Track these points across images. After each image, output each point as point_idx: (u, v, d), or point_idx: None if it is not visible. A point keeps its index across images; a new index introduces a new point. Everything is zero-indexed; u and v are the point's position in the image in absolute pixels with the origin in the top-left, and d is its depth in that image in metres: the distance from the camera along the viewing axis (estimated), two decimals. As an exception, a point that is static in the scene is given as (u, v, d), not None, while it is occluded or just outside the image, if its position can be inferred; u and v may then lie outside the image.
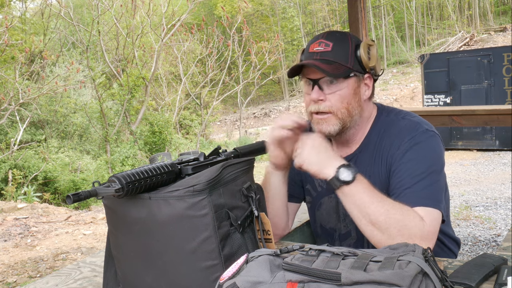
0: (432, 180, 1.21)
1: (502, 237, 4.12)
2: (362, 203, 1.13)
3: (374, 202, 1.13)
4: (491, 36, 21.24)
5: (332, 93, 1.26)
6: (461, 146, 9.58)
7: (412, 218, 1.12)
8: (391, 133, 1.31)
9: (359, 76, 1.28)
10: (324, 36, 1.29)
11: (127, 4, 11.90)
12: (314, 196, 1.47)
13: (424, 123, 1.31)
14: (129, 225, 0.96)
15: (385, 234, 1.11)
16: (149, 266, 0.96)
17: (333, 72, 1.23)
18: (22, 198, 7.74)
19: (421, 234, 1.12)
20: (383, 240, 1.12)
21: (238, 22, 13.53)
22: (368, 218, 1.13)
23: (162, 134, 11.68)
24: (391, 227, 1.11)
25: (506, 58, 9.13)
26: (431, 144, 1.27)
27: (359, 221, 1.16)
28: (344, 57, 1.25)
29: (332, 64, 1.24)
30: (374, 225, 1.13)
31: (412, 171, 1.22)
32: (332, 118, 1.27)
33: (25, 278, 4.01)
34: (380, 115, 1.37)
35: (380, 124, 1.35)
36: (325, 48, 1.26)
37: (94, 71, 11.20)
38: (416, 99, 18.51)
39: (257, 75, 14.06)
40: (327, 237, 1.46)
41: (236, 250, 0.96)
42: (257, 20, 27.96)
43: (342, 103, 1.26)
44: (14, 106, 9.17)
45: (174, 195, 0.91)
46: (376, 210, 1.12)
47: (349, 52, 1.26)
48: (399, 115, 1.35)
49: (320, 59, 1.25)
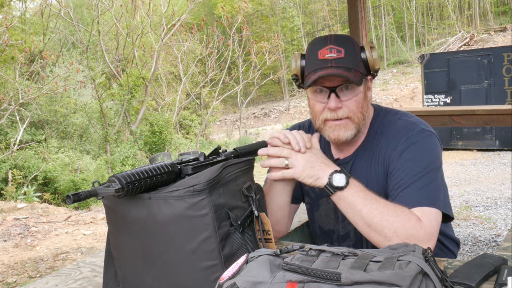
0: (429, 179, 1.21)
1: (502, 237, 4.12)
2: (356, 206, 1.15)
3: (368, 204, 1.14)
4: (491, 36, 21.25)
5: (348, 100, 1.26)
6: (461, 146, 9.58)
7: (408, 219, 1.13)
8: (388, 134, 1.31)
9: (366, 79, 1.29)
10: (332, 41, 1.26)
11: (127, 4, 11.90)
12: (313, 198, 1.47)
13: (420, 123, 1.31)
14: (129, 225, 0.96)
15: (381, 235, 1.13)
16: (149, 266, 0.96)
17: (355, 79, 1.22)
18: (22, 198, 7.74)
19: (418, 234, 1.12)
20: (380, 241, 1.13)
21: (238, 22, 13.54)
22: (364, 221, 1.15)
23: (162, 134, 11.68)
24: (385, 229, 1.12)
25: (506, 58, 9.13)
26: (427, 144, 1.27)
27: (356, 224, 1.18)
28: (356, 63, 1.25)
29: (351, 71, 1.23)
30: (370, 227, 1.14)
31: (409, 171, 1.22)
32: (349, 123, 1.27)
33: (25, 278, 4.01)
34: (377, 116, 1.37)
35: (377, 125, 1.35)
36: (338, 55, 1.23)
37: (94, 71, 11.21)
38: (416, 99, 18.52)
39: (257, 75, 14.07)
40: (326, 238, 1.46)
41: (236, 250, 0.96)
42: (257, 20, 27.96)
43: (357, 108, 1.27)
44: (14, 106, 9.17)
45: (174, 195, 0.90)
46: (370, 212, 1.14)
47: (358, 57, 1.26)
48: (396, 115, 1.35)
49: (337, 66, 1.23)
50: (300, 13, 27.81)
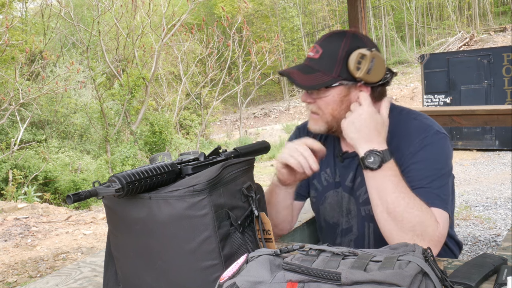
0: (443, 182, 1.21)
1: (502, 237, 4.12)
2: (383, 190, 1.14)
3: (396, 192, 1.13)
4: (491, 36, 21.25)
5: (318, 98, 1.27)
6: (461, 146, 9.58)
7: (429, 217, 1.13)
8: (401, 132, 1.30)
9: (348, 84, 1.25)
10: (320, 41, 1.29)
11: (127, 4, 11.91)
12: (320, 190, 1.46)
13: (435, 125, 1.30)
14: (129, 225, 0.96)
15: (398, 225, 1.12)
16: (149, 266, 0.96)
17: (307, 83, 1.24)
18: (23, 198, 7.75)
19: (433, 235, 1.12)
20: (394, 231, 1.13)
21: (238, 22, 13.54)
22: (386, 206, 1.14)
23: (162, 134, 11.69)
24: (405, 220, 1.12)
25: (506, 58, 9.13)
26: (442, 146, 1.26)
27: (376, 207, 1.17)
28: (330, 66, 1.24)
29: (312, 74, 1.24)
30: (389, 214, 1.14)
31: (424, 171, 1.22)
32: (319, 120, 1.30)
33: (25, 278, 4.02)
34: (390, 113, 1.34)
35: (389, 123, 1.33)
36: (314, 55, 1.27)
37: (94, 71, 11.21)
38: (416, 99, 18.53)
39: (257, 75, 14.07)
40: (330, 232, 1.46)
41: (236, 250, 0.96)
42: (257, 20, 27.96)
43: (327, 108, 1.27)
44: (15, 106, 9.17)
45: (174, 195, 0.91)
46: (396, 200, 1.13)
47: (337, 60, 1.24)
48: (411, 115, 1.34)
49: (305, 66, 1.27)
50: (300, 13, 27.81)
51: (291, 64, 25.36)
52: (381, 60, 1.25)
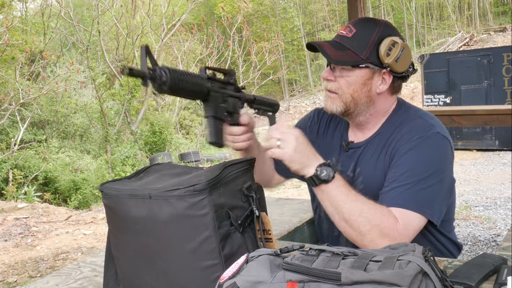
0: (427, 184, 1.20)
1: (502, 237, 4.12)
2: (337, 201, 1.17)
3: (348, 201, 1.16)
4: (491, 36, 21.24)
5: (341, 77, 1.28)
6: (461, 146, 9.57)
7: (385, 218, 1.15)
8: (403, 128, 1.30)
9: (373, 68, 1.27)
10: (355, 22, 1.30)
11: (127, 4, 11.91)
12: None
13: (438, 126, 1.29)
14: (129, 224, 0.97)
15: (356, 231, 1.15)
16: (149, 266, 0.96)
17: (337, 58, 1.25)
18: (23, 198, 7.75)
19: (393, 234, 1.14)
20: (354, 236, 1.16)
21: (238, 22, 13.53)
22: (342, 215, 1.17)
23: (162, 134, 11.69)
24: (361, 225, 1.14)
25: (506, 58, 9.13)
26: (438, 148, 1.26)
27: (333, 217, 1.19)
28: (361, 47, 1.26)
29: (343, 51, 1.26)
30: (346, 222, 1.16)
31: (407, 170, 1.22)
32: (337, 99, 1.30)
33: (25, 278, 4.02)
34: (399, 109, 1.37)
35: (395, 118, 1.35)
36: (347, 34, 1.28)
37: (94, 71, 11.21)
38: (416, 99, 18.50)
39: (257, 75, 14.06)
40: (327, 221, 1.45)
41: (236, 250, 0.96)
42: (257, 20, 27.95)
43: (348, 88, 1.28)
44: (15, 106, 9.17)
45: (175, 194, 0.91)
46: (350, 208, 1.16)
47: (368, 43, 1.26)
48: (417, 113, 1.35)
49: (335, 42, 1.28)
50: (300, 13, 27.80)
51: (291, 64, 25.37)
52: (409, 52, 1.28)
